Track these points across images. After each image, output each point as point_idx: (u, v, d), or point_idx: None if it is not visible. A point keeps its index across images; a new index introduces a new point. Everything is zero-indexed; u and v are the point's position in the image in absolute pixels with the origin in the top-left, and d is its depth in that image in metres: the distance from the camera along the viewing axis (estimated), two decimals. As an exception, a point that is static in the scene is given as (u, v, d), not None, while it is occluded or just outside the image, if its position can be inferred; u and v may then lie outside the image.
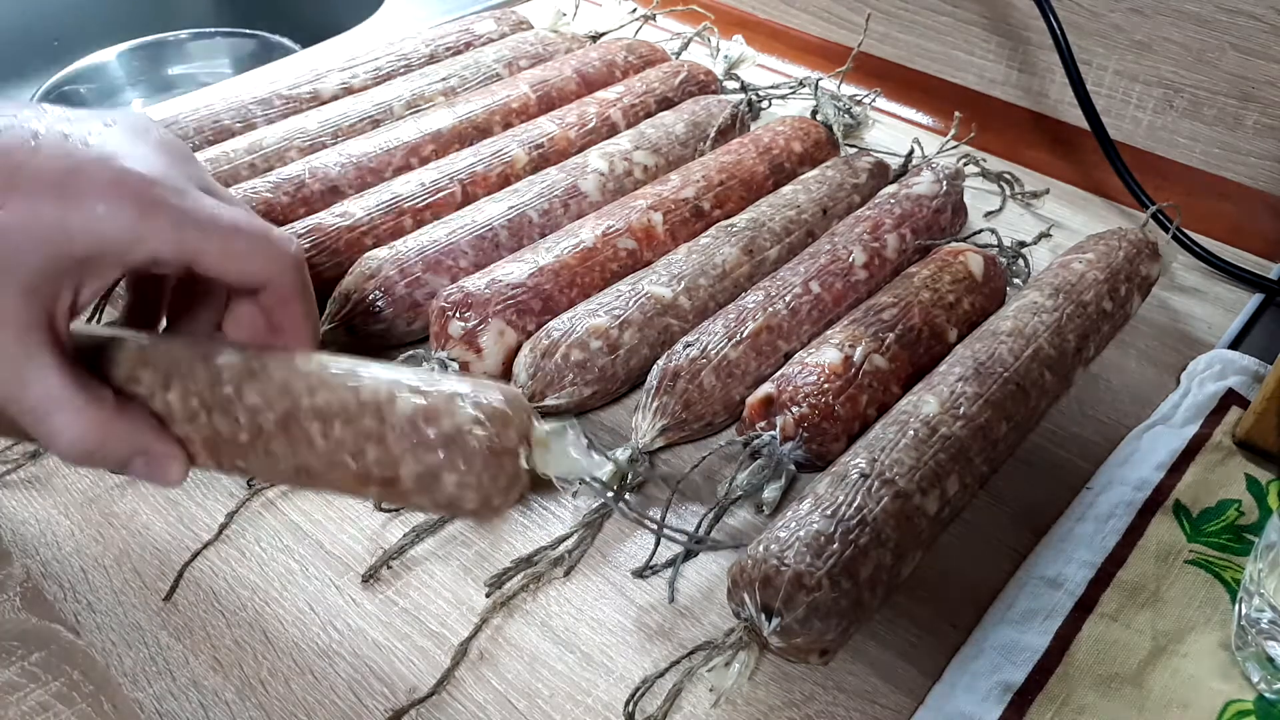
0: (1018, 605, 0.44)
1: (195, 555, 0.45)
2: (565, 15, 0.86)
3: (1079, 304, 0.56)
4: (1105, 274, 0.58)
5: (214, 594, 0.44)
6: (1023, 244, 0.64)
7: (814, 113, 0.74)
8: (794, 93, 0.80)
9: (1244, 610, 0.42)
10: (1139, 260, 0.61)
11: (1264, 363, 0.56)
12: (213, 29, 1.13)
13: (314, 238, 0.57)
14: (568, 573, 0.45)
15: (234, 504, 0.48)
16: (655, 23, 0.91)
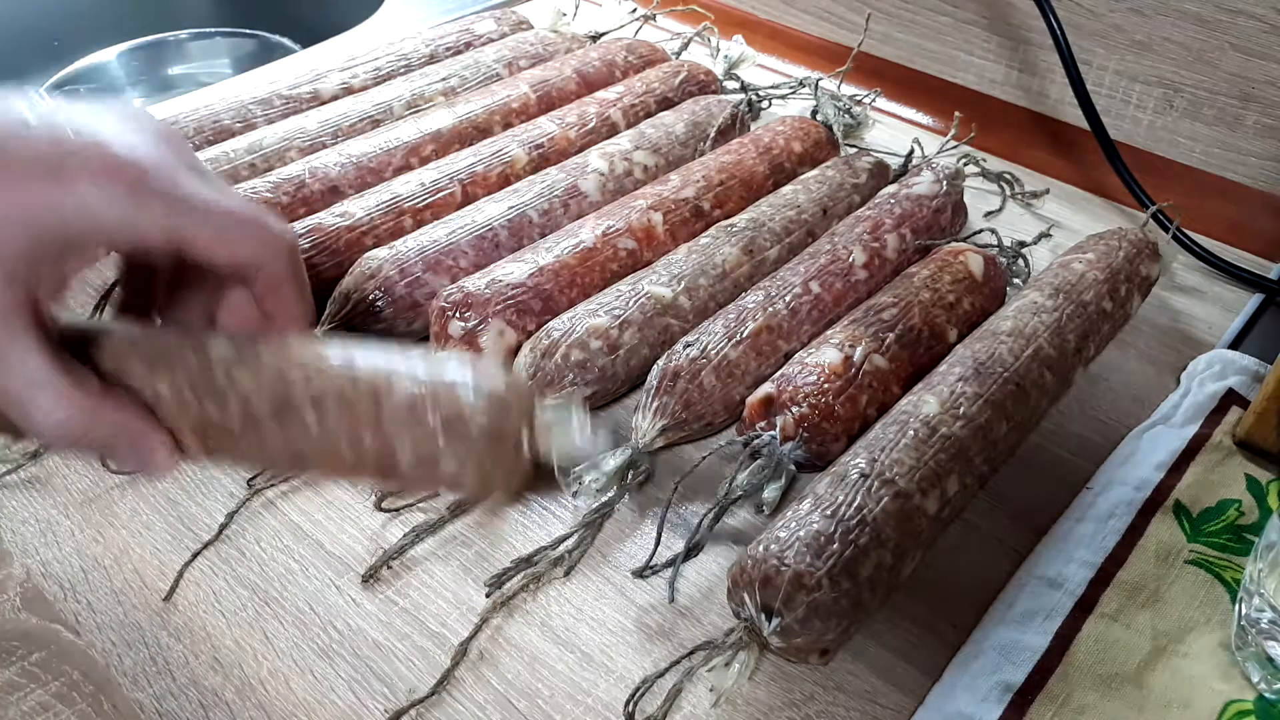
0: (1018, 605, 0.44)
1: (195, 555, 0.45)
2: (565, 15, 0.86)
3: (1079, 304, 0.56)
4: (1105, 274, 0.58)
5: (214, 594, 0.44)
6: (1023, 244, 0.64)
7: (814, 113, 0.74)
8: (794, 93, 0.80)
9: (1244, 610, 0.42)
10: (1139, 260, 0.61)
11: (1264, 363, 0.56)
12: (213, 29, 1.13)
13: (314, 238, 0.57)
14: (568, 573, 0.45)
15: (234, 504, 0.48)
16: (655, 23, 0.91)
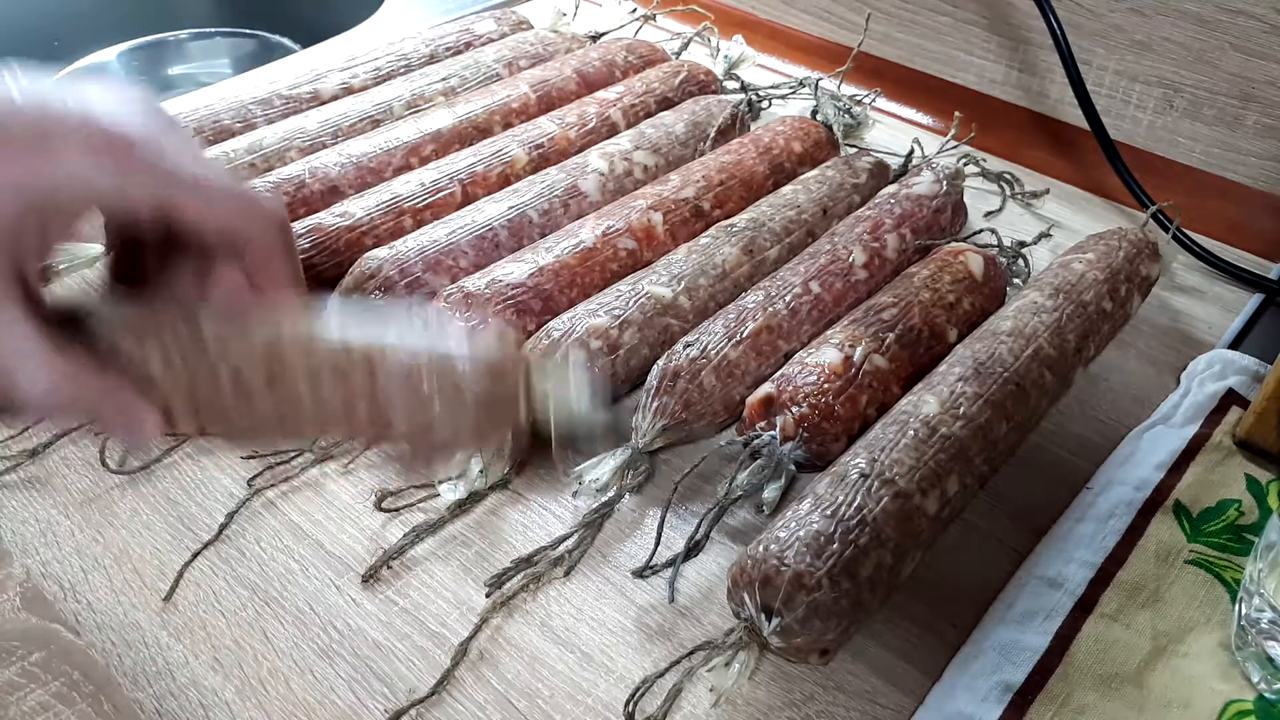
0: (1018, 605, 0.44)
1: (195, 555, 0.45)
2: (565, 15, 0.86)
3: (1079, 304, 0.56)
4: (1105, 274, 0.58)
5: (214, 594, 0.44)
6: (1023, 244, 0.64)
7: (814, 113, 0.74)
8: (794, 93, 0.80)
9: (1244, 610, 0.42)
10: (1139, 260, 0.61)
11: (1264, 363, 0.56)
12: (213, 29, 1.13)
13: (314, 238, 0.57)
14: (568, 573, 0.45)
15: (234, 504, 0.48)
16: (655, 23, 0.91)
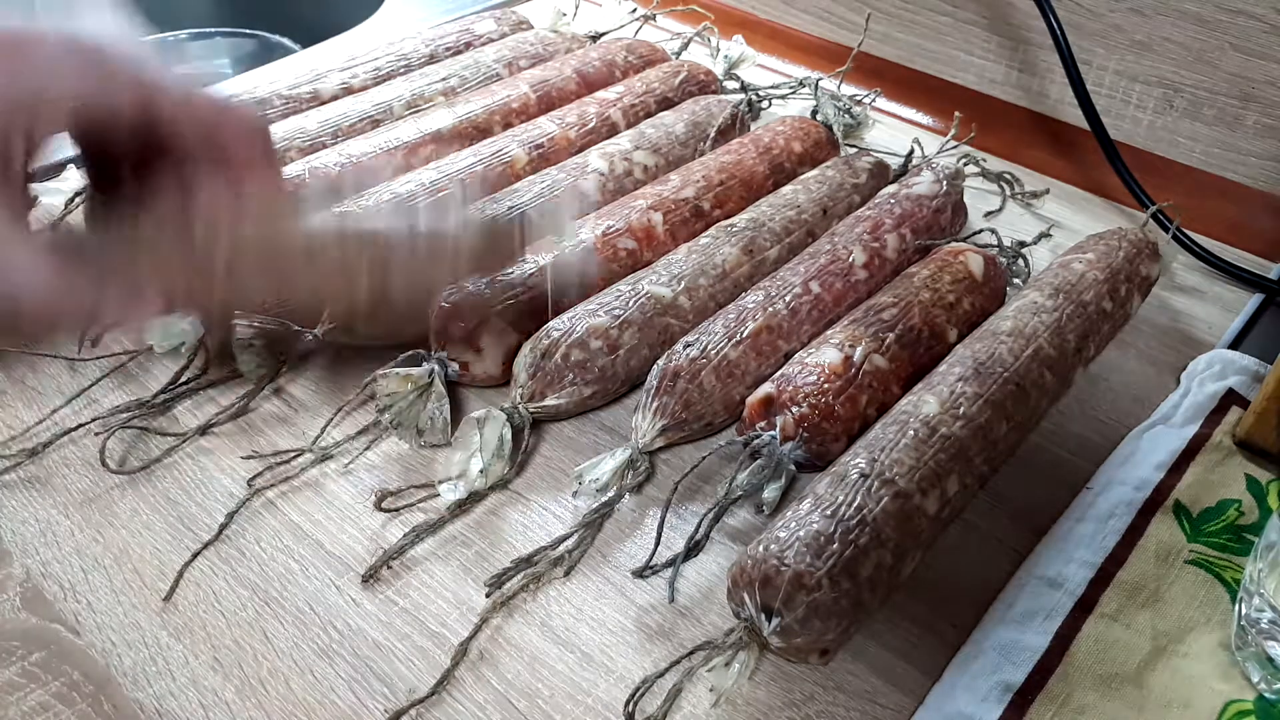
0: (1018, 605, 0.44)
1: (195, 555, 0.45)
2: (565, 15, 0.86)
3: (1079, 304, 0.56)
4: (1105, 274, 0.58)
5: (214, 594, 0.44)
6: (1023, 244, 0.64)
7: (814, 113, 0.74)
8: (794, 93, 0.80)
9: (1244, 610, 0.42)
10: (1139, 260, 0.61)
11: (1264, 363, 0.56)
12: (213, 29, 1.13)
13: (314, 238, 0.57)
14: (568, 573, 0.45)
15: (234, 504, 0.48)
16: (655, 23, 0.91)
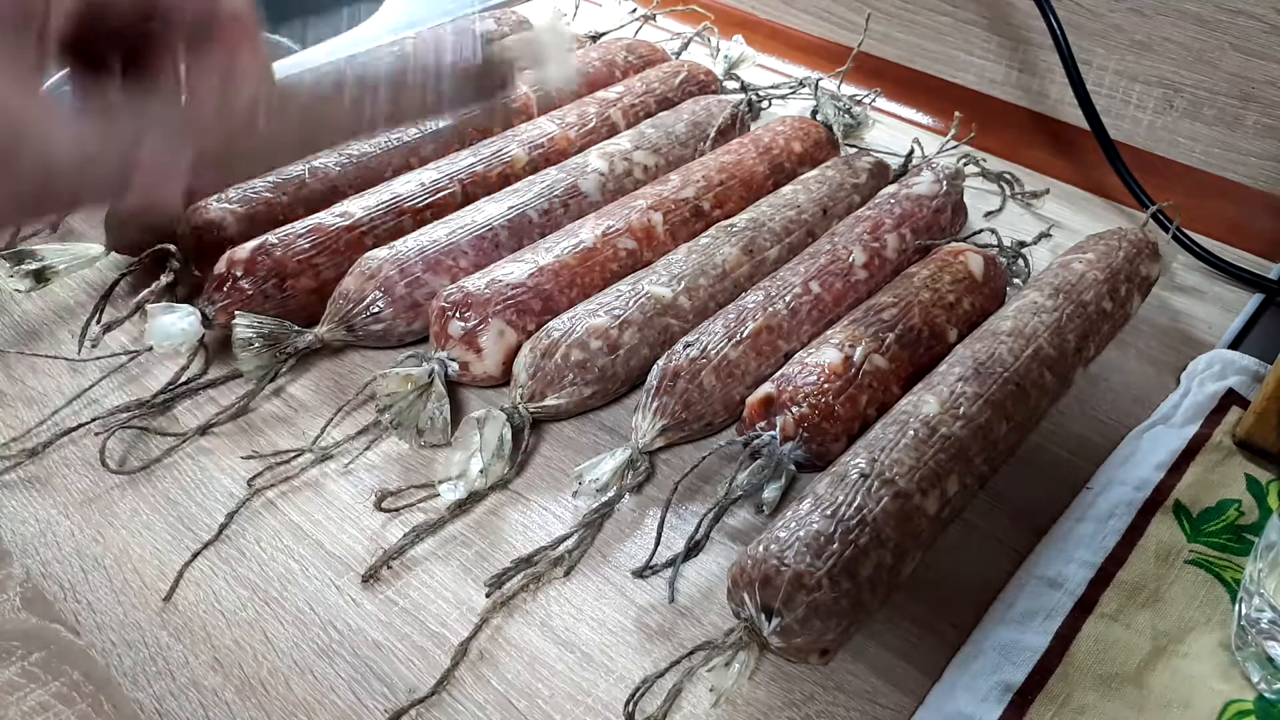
0: (1018, 605, 0.44)
1: (195, 555, 0.45)
2: (565, 15, 0.86)
3: (1079, 304, 0.56)
4: (1105, 274, 0.58)
5: (214, 594, 0.44)
6: (1023, 244, 0.64)
7: (814, 113, 0.74)
8: (794, 93, 0.80)
9: (1244, 610, 0.42)
10: (1139, 260, 0.61)
11: (1264, 363, 0.56)
12: (213, 29, 1.13)
13: (314, 238, 0.57)
14: (568, 573, 0.45)
15: (234, 504, 0.48)
16: (655, 23, 0.91)
